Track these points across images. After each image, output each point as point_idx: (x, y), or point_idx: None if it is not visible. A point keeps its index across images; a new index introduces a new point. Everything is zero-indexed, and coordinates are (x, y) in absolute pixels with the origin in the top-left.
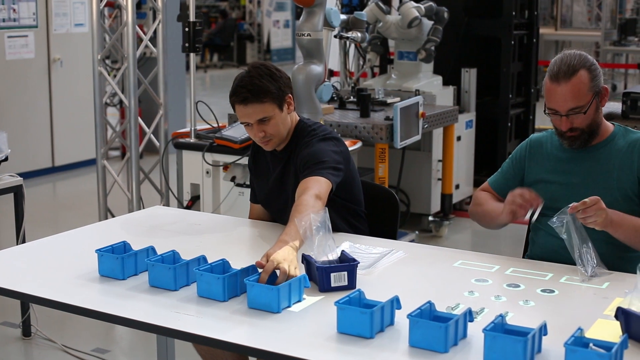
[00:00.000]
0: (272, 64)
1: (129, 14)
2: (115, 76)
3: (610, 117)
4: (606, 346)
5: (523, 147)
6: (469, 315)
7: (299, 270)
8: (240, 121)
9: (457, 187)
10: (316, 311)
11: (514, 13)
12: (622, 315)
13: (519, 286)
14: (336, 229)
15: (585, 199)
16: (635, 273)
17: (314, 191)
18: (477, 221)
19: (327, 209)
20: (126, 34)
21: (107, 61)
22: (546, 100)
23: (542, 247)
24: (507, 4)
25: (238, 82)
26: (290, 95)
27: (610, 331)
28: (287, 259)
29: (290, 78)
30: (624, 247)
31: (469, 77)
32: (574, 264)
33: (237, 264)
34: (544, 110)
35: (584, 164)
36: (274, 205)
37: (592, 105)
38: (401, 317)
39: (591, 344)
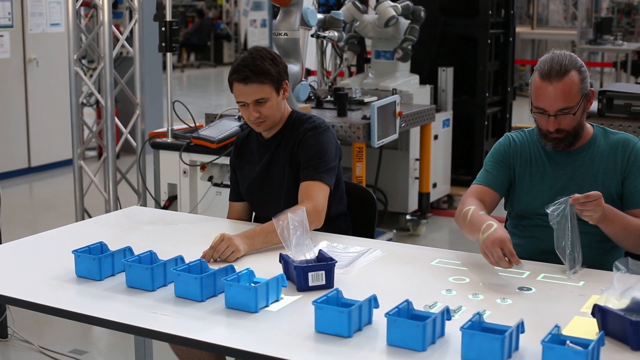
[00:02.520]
0: (274, 51)
1: (105, 14)
2: (91, 76)
3: (586, 116)
4: (583, 343)
5: (505, 143)
6: (447, 314)
7: (234, 257)
8: (236, 100)
9: (435, 185)
10: (294, 310)
11: (490, 12)
12: (599, 312)
13: (496, 284)
14: (332, 221)
15: (588, 192)
16: (611, 270)
17: (316, 203)
18: (462, 230)
19: (304, 208)
20: (102, 34)
21: (84, 61)
22: (534, 99)
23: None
24: (484, 3)
25: (240, 61)
26: (287, 81)
27: (587, 328)
28: (228, 239)
29: (287, 66)
30: (601, 244)
31: (446, 76)
32: (550, 262)
33: (214, 263)
34: (530, 110)
35: (567, 168)
36: (257, 195)
37: (580, 107)
38: (379, 316)
39: (568, 341)
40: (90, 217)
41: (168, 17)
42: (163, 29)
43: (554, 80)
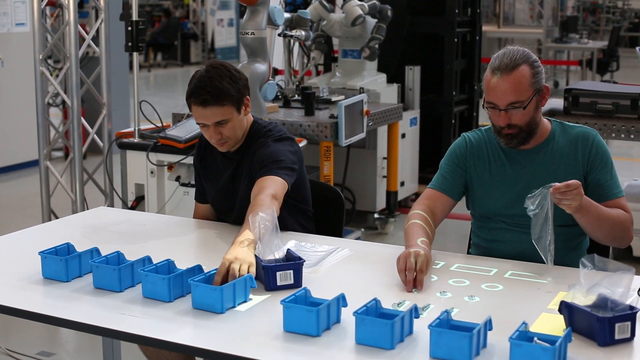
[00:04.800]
0: (231, 64)
1: (70, 13)
2: (57, 76)
3: (552, 113)
4: (550, 340)
5: (462, 145)
6: (415, 312)
7: (254, 268)
8: (196, 122)
9: (402, 184)
10: (262, 310)
11: (456, 11)
12: (566, 309)
13: (464, 282)
14: (286, 228)
15: (569, 181)
16: (577, 267)
17: (270, 191)
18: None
19: (274, 208)
20: (68, 34)
21: (49, 61)
22: (485, 93)
23: (483, 251)
24: (450, 2)
25: (197, 82)
26: (247, 97)
27: (554, 325)
28: (239, 257)
29: (248, 79)
30: (567, 242)
31: (413, 74)
32: (517, 259)
33: (182, 264)
34: (483, 105)
35: (528, 168)
36: (223, 206)
37: (532, 102)
38: (347, 315)
39: (535, 338)
40: (57, 218)
41: (134, 17)
42: (129, 28)
43: (503, 73)
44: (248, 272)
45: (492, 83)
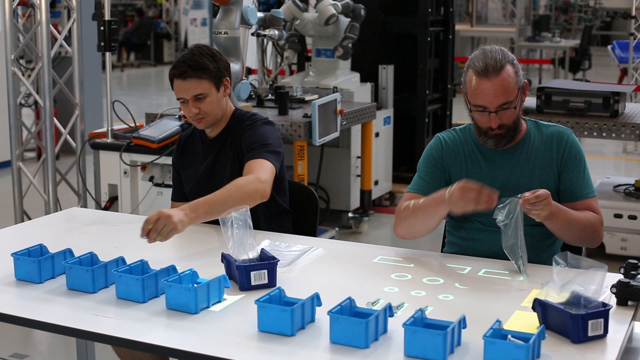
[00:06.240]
0: (215, 48)
1: (42, 13)
2: (29, 76)
3: (525, 111)
4: (524, 337)
5: (437, 147)
6: (389, 311)
7: (171, 235)
8: (177, 97)
9: (376, 183)
10: (237, 310)
11: (429, 10)
12: (539, 306)
13: (438, 280)
14: (257, 226)
15: (538, 191)
16: (550, 265)
17: (258, 174)
18: (410, 228)
19: (247, 207)
20: (40, 33)
21: (21, 61)
22: (472, 97)
23: (458, 250)
24: (423, 2)
25: (179, 58)
26: (227, 78)
27: (527, 322)
28: (171, 218)
29: (230, 64)
30: (540, 242)
31: (387, 73)
32: (491, 257)
33: (156, 264)
34: (469, 109)
35: (504, 167)
36: (202, 194)
37: (519, 100)
38: (322, 314)
39: (509, 336)
40: (29, 219)
41: (107, 16)
42: (102, 28)
43: (491, 76)
44: (167, 236)
45: (481, 86)
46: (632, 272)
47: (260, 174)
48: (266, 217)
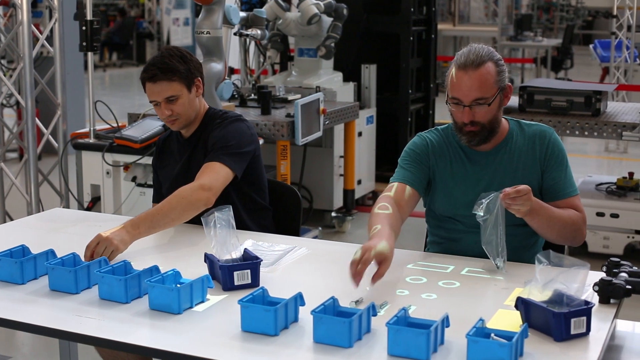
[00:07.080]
0: (186, 49)
1: (24, 13)
2: (11, 76)
3: (507, 111)
4: (507, 336)
5: (422, 143)
6: (373, 310)
7: (114, 255)
8: (149, 100)
9: (359, 182)
10: (220, 310)
11: (412, 9)
12: (522, 305)
13: (421, 279)
14: (241, 225)
15: (519, 187)
16: (533, 263)
17: (202, 181)
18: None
19: (230, 207)
20: (22, 33)
21: (3, 61)
22: (450, 89)
23: (440, 249)
24: (406, 1)
25: (150, 61)
26: (199, 79)
27: (510, 321)
28: (111, 240)
29: (202, 64)
30: (523, 241)
31: (369, 73)
32: (474, 256)
33: (138, 265)
34: (446, 101)
35: (488, 168)
36: None
37: (496, 100)
38: (305, 314)
39: (492, 334)
40: (11, 219)
41: (89, 16)
42: (84, 28)
43: (469, 69)
44: (110, 257)
45: (458, 78)
46: (614, 270)
47: (205, 180)
48: (246, 214)
